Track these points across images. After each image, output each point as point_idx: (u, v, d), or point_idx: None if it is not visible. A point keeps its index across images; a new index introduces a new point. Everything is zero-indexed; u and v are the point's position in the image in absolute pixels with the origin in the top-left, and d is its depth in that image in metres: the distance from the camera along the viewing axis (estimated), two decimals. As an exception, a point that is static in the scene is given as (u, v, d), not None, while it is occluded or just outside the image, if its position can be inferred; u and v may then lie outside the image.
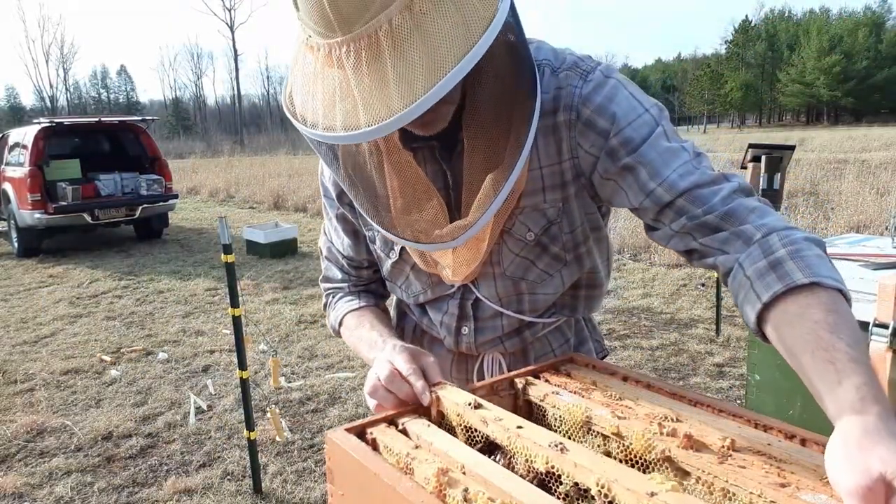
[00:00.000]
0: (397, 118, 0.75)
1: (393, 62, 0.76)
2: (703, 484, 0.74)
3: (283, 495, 3.23)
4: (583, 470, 0.72)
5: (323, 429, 3.86)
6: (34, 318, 6.55)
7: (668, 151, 0.95)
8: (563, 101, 0.98)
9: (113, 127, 11.50)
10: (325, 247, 1.32)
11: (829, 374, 0.70)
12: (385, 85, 0.76)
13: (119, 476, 3.46)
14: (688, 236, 0.93)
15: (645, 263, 7.62)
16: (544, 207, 1.06)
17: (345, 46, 0.77)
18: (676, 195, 0.93)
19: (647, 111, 0.98)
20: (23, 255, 9.90)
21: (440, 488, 0.73)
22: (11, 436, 3.93)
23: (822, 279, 0.77)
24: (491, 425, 0.85)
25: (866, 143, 24.40)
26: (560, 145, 1.01)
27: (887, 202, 9.08)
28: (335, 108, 0.80)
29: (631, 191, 0.97)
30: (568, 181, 1.04)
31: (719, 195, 0.91)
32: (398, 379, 0.95)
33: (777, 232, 0.86)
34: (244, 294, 6.75)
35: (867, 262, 2.40)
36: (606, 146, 0.97)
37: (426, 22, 0.76)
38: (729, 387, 4.21)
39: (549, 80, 0.99)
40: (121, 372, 4.94)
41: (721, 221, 0.90)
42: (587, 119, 0.98)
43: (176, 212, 11.97)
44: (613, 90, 0.98)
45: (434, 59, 0.75)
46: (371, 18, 0.75)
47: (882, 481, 0.59)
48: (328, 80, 0.80)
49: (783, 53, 75.91)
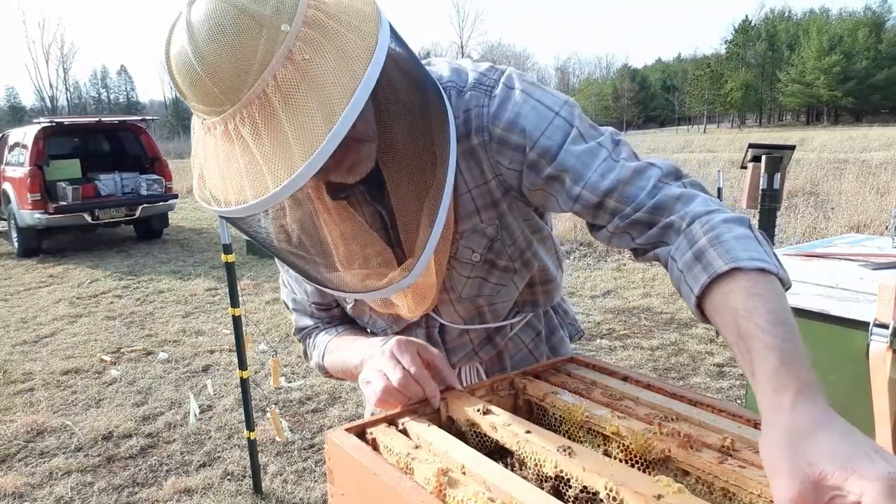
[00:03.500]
0: (302, 171, 0.74)
1: (288, 117, 0.75)
2: (702, 484, 0.74)
3: (283, 495, 3.23)
4: (591, 474, 0.72)
5: (323, 429, 3.86)
6: (34, 318, 6.55)
7: (586, 153, 0.95)
8: (474, 124, 0.98)
9: (113, 127, 11.50)
10: (290, 299, 1.28)
11: (748, 365, 0.70)
12: (285, 142, 0.75)
13: (119, 476, 3.46)
14: (625, 235, 0.94)
15: (645, 263, 7.62)
16: (482, 227, 1.06)
17: (238, 115, 0.76)
18: (602, 195, 0.92)
19: (557, 115, 0.97)
20: (23, 255, 9.90)
21: (440, 488, 0.73)
22: (11, 436, 3.93)
23: (742, 263, 0.77)
24: (500, 430, 0.85)
25: (866, 143, 24.40)
26: (481, 166, 1.01)
27: (887, 202, 9.08)
28: (243, 179, 0.79)
29: (560, 197, 0.97)
30: (498, 199, 1.04)
31: (645, 189, 0.91)
32: (412, 382, 0.94)
33: (699, 219, 0.85)
34: (244, 294, 6.75)
35: (867, 262, 2.40)
36: (526, 160, 0.97)
37: (311, 68, 0.75)
38: (729, 387, 4.21)
39: (457, 102, 0.98)
40: (121, 372, 4.93)
41: (651, 216, 0.90)
42: (500, 138, 0.97)
43: (176, 212, 11.97)
44: (519, 103, 0.97)
45: (327, 103, 0.74)
46: (255, 80, 0.74)
47: (809, 483, 0.58)
48: (231, 156, 0.80)
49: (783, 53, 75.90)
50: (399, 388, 0.94)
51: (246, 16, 0.74)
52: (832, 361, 2.22)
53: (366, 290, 0.97)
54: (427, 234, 0.91)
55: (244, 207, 0.79)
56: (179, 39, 0.77)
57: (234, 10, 0.74)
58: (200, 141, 0.85)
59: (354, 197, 1.01)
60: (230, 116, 0.77)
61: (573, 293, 6.46)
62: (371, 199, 1.00)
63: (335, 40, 0.77)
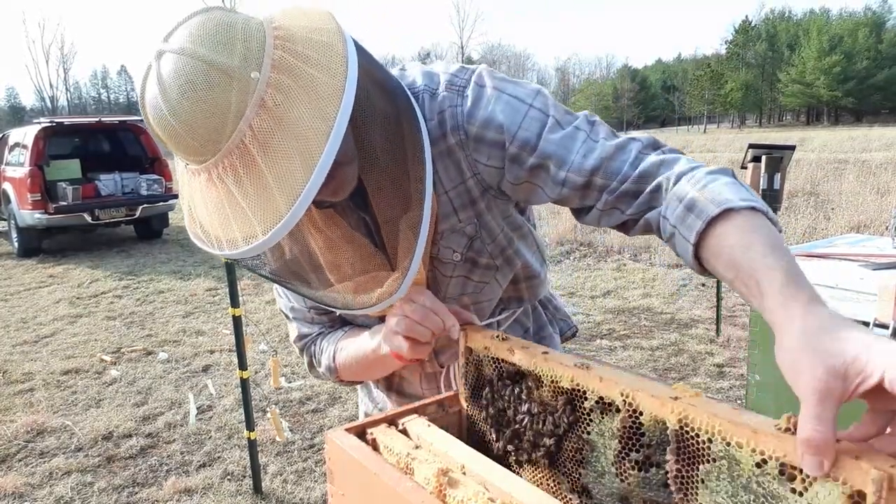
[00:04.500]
0: (287, 219, 0.76)
1: (268, 165, 0.76)
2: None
3: (283, 495, 3.23)
4: (608, 383, 0.73)
5: (323, 429, 3.86)
6: (34, 318, 6.55)
7: (565, 138, 0.97)
8: (449, 124, 1.00)
9: (113, 127, 11.51)
10: (287, 309, 1.26)
11: (753, 291, 0.72)
12: (268, 190, 0.77)
13: (119, 476, 3.46)
14: (615, 211, 0.95)
15: (645, 264, 7.62)
16: (461, 227, 1.07)
17: (220, 165, 0.78)
18: (589, 174, 0.94)
19: (531, 107, 0.99)
20: (23, 255, 9.90)
21: (440, 488, 0.73)
22: (11, 436, 3.93)
23: (733, 204, 0.79)
24: (517, 353, 0.85)
25: (866, 143, 24.41)
26: (459, 166, 1.02)
27: (887, 202, 9.09)
28: (230, 223, 0.81)
29: (546, 186, 0.99)
30: (476, 197, 1.05)
31: (628, 161, 0.93)
32: (430, 314, 0.96)
33: (685, 175, 0.88)
34: (244, 294, 6.75)
35: (867, 262, 2.40)
36: (507, 155, 0.99)
37: (284, 113, 0.76)
38: (729, 387, 4.21)
39: (430, 105, 1.00)
40: (121, 372, 4.94)
41: (637, 185, 0.92)
42: (476, 135, 0.99)
43: (176, 212, 11.95)
44: (492, 99, 0.99)
45: (304, 149, 0.76)
46: (231, 132, 0.76)
47: (834, 372, 0.58)
48: (218, 201, 0.81)
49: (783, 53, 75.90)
50: (420, 321, 0.96)
51: (215, 70, 0.75)
52: (832, 362, 2.22)
53: (359, 306, 0.99)
54: (412, 246, 0.93)
55: (237, 252, 0.81)
56: (153, 95, 0.78)
57: (202, 65, 0.75)
58: (186, 181, 0.86)
59: (339, 207, 1.02)
60: (212, 166, 0.78)
61: (573, 293, 6.46)
62: (355, 206, 1.02)
63: (305, 83, 0.78)
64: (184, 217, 0.92)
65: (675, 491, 0.66)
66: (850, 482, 0.55)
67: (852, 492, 0.54)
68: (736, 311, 5.52)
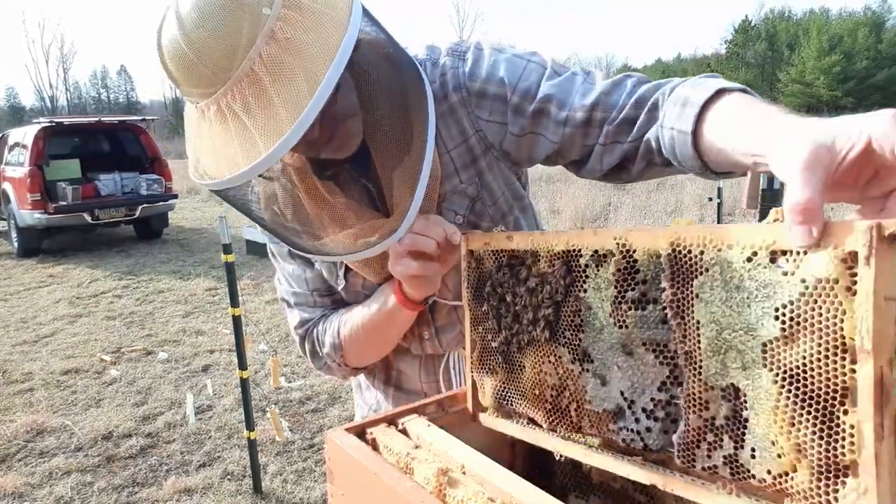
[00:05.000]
0: (291, 132, 0.80)
1: (275, 88, 0.81)
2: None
3: (283, 495, 3.23)
4: (601, 235, 0.74)
5: (323, 429, 3.86)
6: (34, 318, 6.55)
7: (564, 82, 1.01)
8: (451, 84, 1.05)
9: (113, 127, 11.51)
10: (289, 294, 1.26)
11: (751, 141, 0.71)
12: (274, 110, 0.82)
13: (119, 476, 3.46)
14: (616, 145, 0.97)
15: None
16: (463, 188, 1.10)
17: (229, 93, 0.83)
18: (589, 110, 0.98)
19: (529, 61, 1.04)
20: (23, 255, 9.90)
21: (440, 488, 0.73)
22: (11, 436, 3.93)
23: (725, 86, 0.81)
24: (515, 238, 0.87)
25: (866, 143, 24.42)
26: (461, 124, 1.07)
27: (887, 202, 9.07)
28: (237, 152, 0.85)
29: (548, 130, 1.02)
30: (478, 155, 1.09)
31: (624, 92, 0.97)
32: (431, 223, 0.98)
33: (679, 85, 0.90)
34: (244, 294, 6.75)
35: (867, 262, 2.40)
36: (510, 107, 1.03)
37: (292, 44, 0.82)
38: (729, 387, 4.21)
39: (432, 71, 1.07)
40: (121, 372, 4.94)
41: (636, 110, 0.95)
42: (478, 91, 1.04)
43: (176, 212, 11.97)
44: (492, 59, 1.05)
45: (310, 71, 0.81)
46: (242, 59, 0.81)
47: (823, 145, 0.57)
48: (226, 133, 0.86)
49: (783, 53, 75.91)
50: (422, 231, 0.97)
51: (230, 2, 0.81)
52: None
53: (363, 248, 0.99)
54: (416, 178, 0.96)
55: (239, 174, 0.84)
56: (169, 30, 0.85)
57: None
58: (195, 127, 0.91)
59: (341, 177, 1.06)
60: (222, 95, 0.83)
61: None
62: (359, 175, 1.06)
63: (312, 17, 0.84)
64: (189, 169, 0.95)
65: (672, 317, 0.66)
66: (841, 245, 0.53)
67: (844, 255, 0.52)
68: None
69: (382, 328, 1.14)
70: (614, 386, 0.73)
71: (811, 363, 0.54)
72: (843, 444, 0.53)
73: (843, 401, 0.53)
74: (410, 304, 1.07)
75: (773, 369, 0.57)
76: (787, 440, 0.56)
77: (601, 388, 0.75)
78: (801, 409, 0.55)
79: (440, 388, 1.23)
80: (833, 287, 0.53)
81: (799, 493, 0.56)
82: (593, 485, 0.92)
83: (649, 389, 0.70)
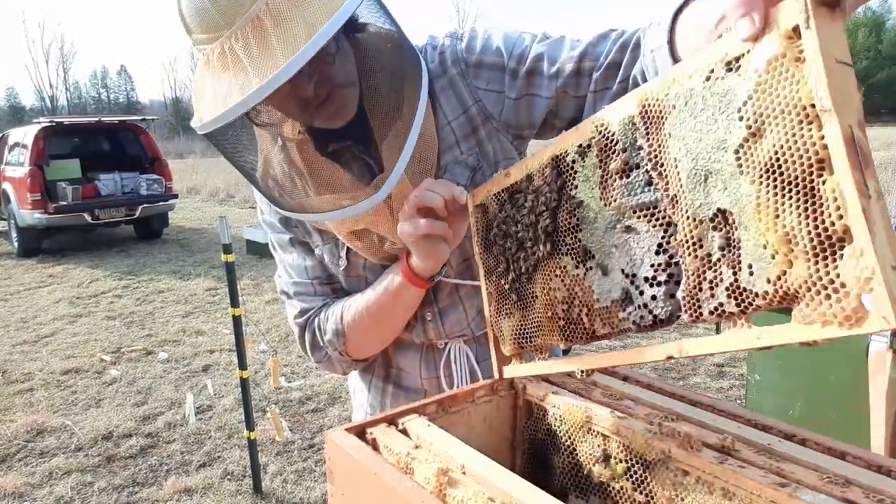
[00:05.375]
0: (285, 67, 0.83)
1: (277, 34, 0.86)
2: (702, 484, 0.74)
3: (283, 495, 3.23)
4: (582, 129, 0.78)
5: (323, 429, 3.86)
6: (34, 317, 6.55)
7: (553, 42, 1.08)
8: (450, 59, 1.11)
9: (113, 127, 11.51)
10: (289, 284, 1.25)
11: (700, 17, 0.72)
12: (271, 50, 0.86)
13: (119, 476, 3.46)
14: (605, 91, 1.02)
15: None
16: (463, 158, 1.13)
17: (233, 36, 0.88)
18: (578, 61, 1.03)
19: (522, 34, 1.11)
20: (23, 255, 9.90)
21: (440, 488, 0.73)
22: (11, 436, 3.93)
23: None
24: (513, 172, 0.91)
25: (866, 143, 24.44)
26: (461, 96, 1.11)
27: (887, 202, 9.08)
28: (233, 88, 0.89)
29: (542, 87, 1.07)
30: (478, 125, 1.13)
31: (609, 40, 1.03)
32: (436, 183, 1.01)
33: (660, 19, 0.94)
34: (244, 294, 6.75)
35: (867, 261, 2.40)
36: (506, 73, 1.09)
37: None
38: (729, 387, 4.21)
39: (431, 54, 1.13)
40: (121, 372, 4.94)
41: (620, 53, 1.00)
42: (475, 62, 1.10)
43: (176, 212, 11.97)
44: (488, 34, 1.12)
45: (310, 20, 0.87)
46: (251, 5, 0.87)
47: None
48: (225, 75, 0.90)
49: (783, 53, 75.78)
50: (429, 188, 1.00)
51: None
52: (832, 361, 2.22)
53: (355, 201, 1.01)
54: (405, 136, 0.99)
55: (231, 108, 0.87)
56: None
57: None
58: (199, 78, 0.95)
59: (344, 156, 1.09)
60: (226, 38, 0.88)
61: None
62: (355, 149, 1.10)
63: None
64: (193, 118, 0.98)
65: (652, 168, 0.68)
66: (782, 24, 0.54)
67: (788, 31, 0.53)
68: (736, 310, 5.51)
69: (388, 309, 1.14)
70: (616, 269, 0.75)
71: (782, 148, 0.54)
72: (828, 213, 0.51)
73: (821, 172, 0.52)
74: (417, 279, 1.08)
75: (749, 172, 0.57)
76: (776, 233, 0.55)
77: (605, 279, 0.76)
78: (782, 197, 0.55)
79: (441, 385, 1.23)
80: (782, 62, 0.54)
81: (802, 289, 0.54)
82: (593, 485, 0.92)
83: (647, 256, 0.70)
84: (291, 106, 0.99)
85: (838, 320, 0.51)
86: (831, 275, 0.52)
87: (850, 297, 0.50)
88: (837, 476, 0.70)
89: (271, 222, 1.24)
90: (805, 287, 0.54)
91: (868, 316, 0.49)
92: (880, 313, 0.48)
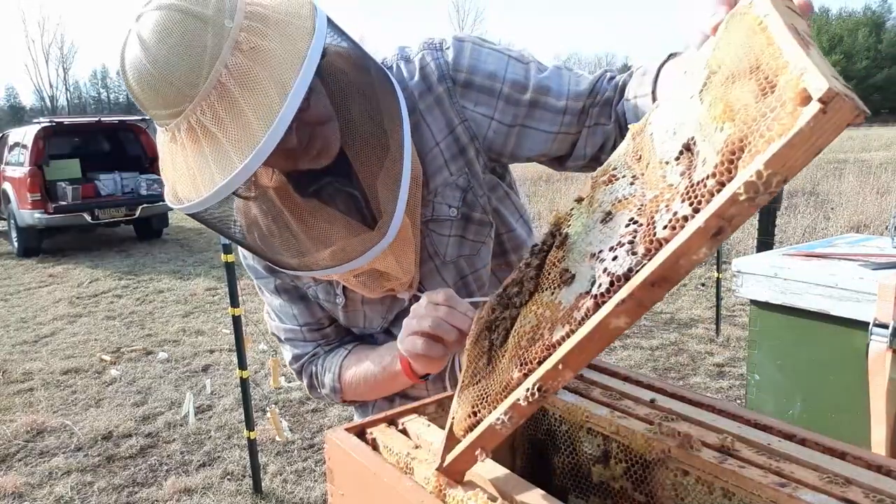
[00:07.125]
0: (268, 138, 0.78)
1: (245, 98, 0.80)
2: (702, 484, 0.74)
3: (283, 495, 3.23)
4: None
5: (323, 429, 3.86)
6: (34, 317, 6.56)
7: (553, 73, 1.06)
8: (435, 75, 1.05)
9: (113, 127, 11.51)
10: (280, 330, 1.24)
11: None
12: (246, 121, 0.79)
13: (119, 476, 3.46)
14: (598, 126, 1.04)
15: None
16: (453, 180, 1.09)
17: (199, 108, 0.81)
18: (584, 98, 1.04)
19: (511, 57, 1.07)
20: (23, 255, 9.90)
21: (440, 488, 0.73)
22: (11, 436, 3.93)
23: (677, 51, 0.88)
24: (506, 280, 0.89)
25: (866, 142, 24.40)
26: (447, 115, 1.06)
27: (887, 202, 9.09)
28: (212, 169, 0.82)
29: (544, 122, 1.05)
30: (465, 145, 1.08)
31: (605, 80, 1.06)
32: (455, 312, 0.92)
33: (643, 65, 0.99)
34: (244, 294, 6.75)
35: (867, 262, 2.40)
36: (500, 98, 1.05)
37: (258, 54, 0.81)
38: (729, 387, 4.21)
39: (408, 68, 1.06)
40: (121, 372, 4.94)
41: (612, 91, 1.04)
42: (464, 81, 1.05)
43: (175, 211, 11.94)
44: (475, 50, 1.06)
45: (279, 78, 0.80)
46: (209, 71, 0.80)
47: None
48: (198, 152, 0.83)
49: (783, 53, 75.78)
50: (447, 319, 0.91)
51: (190, 17, 0.80)
52: (832, 361, 2.22)
53: (346, 260, 0.97)
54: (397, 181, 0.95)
55: (216, 190, 0.82)
56: (132, 51, 0.83)
57: (178, 14, 0.81)
58: (168, 154, 0.88)
59: (326, 191, 1.04)
60: (191, 111, 0.81)
61: (573, 293, 6.45)
62: (342, 186, 1.04)
63: (277, 27, 0.83)
64: (165, 196, 0.93)
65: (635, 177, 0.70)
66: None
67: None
68: (736, 310, 5.52)
69: (385, 385, 1.14)
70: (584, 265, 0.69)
71: (732, 61, 0.57)
72: (769, 70, 0.53)
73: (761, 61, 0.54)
74: (415, 376, 1.05)
75: (709, 94, 0.60)
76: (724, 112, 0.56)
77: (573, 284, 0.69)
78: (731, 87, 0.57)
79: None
80: (737, 17, 0.60)
81: (755, 133, 0.51)
82: (593, 485, 0.92)
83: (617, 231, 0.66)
84: (276, 160, 0.91)
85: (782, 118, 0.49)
86: (771, 98, 0.51)
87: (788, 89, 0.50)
88: (837, 476, 0.70)
89: (254, 267, 1.19)
90: (752, 121, 0.52)
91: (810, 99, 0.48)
92: (815, 86, 0.48)
